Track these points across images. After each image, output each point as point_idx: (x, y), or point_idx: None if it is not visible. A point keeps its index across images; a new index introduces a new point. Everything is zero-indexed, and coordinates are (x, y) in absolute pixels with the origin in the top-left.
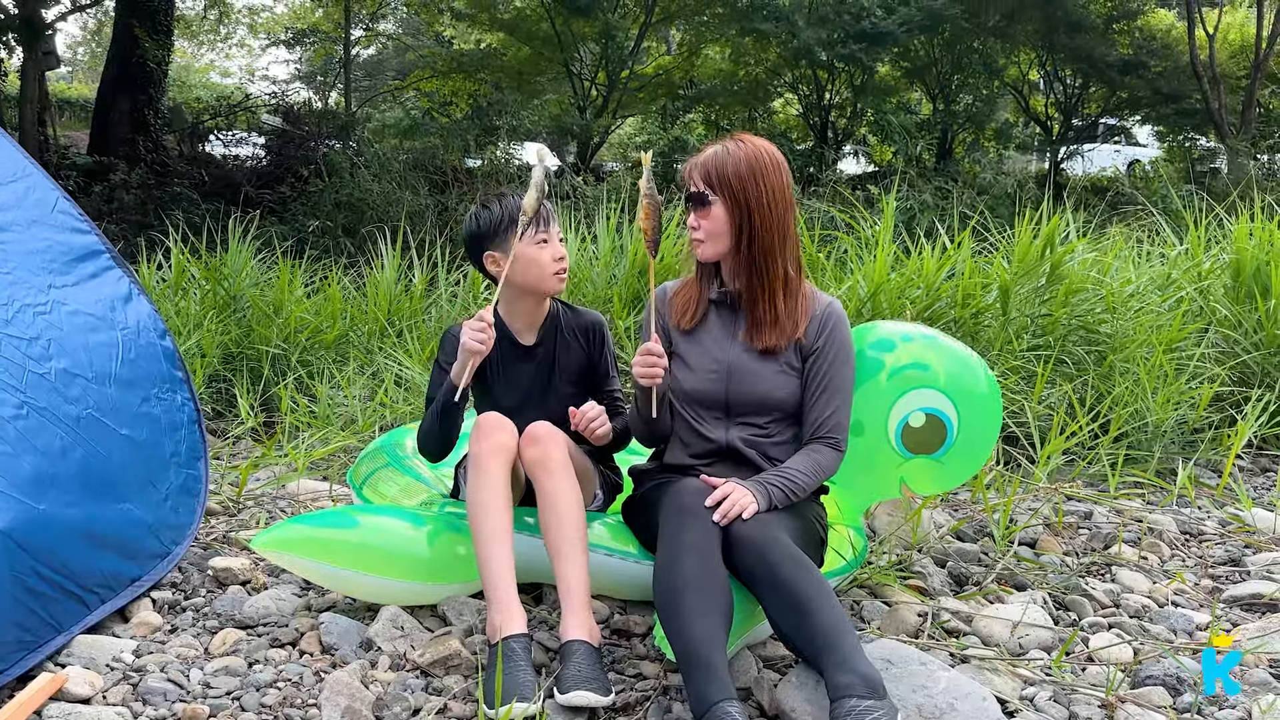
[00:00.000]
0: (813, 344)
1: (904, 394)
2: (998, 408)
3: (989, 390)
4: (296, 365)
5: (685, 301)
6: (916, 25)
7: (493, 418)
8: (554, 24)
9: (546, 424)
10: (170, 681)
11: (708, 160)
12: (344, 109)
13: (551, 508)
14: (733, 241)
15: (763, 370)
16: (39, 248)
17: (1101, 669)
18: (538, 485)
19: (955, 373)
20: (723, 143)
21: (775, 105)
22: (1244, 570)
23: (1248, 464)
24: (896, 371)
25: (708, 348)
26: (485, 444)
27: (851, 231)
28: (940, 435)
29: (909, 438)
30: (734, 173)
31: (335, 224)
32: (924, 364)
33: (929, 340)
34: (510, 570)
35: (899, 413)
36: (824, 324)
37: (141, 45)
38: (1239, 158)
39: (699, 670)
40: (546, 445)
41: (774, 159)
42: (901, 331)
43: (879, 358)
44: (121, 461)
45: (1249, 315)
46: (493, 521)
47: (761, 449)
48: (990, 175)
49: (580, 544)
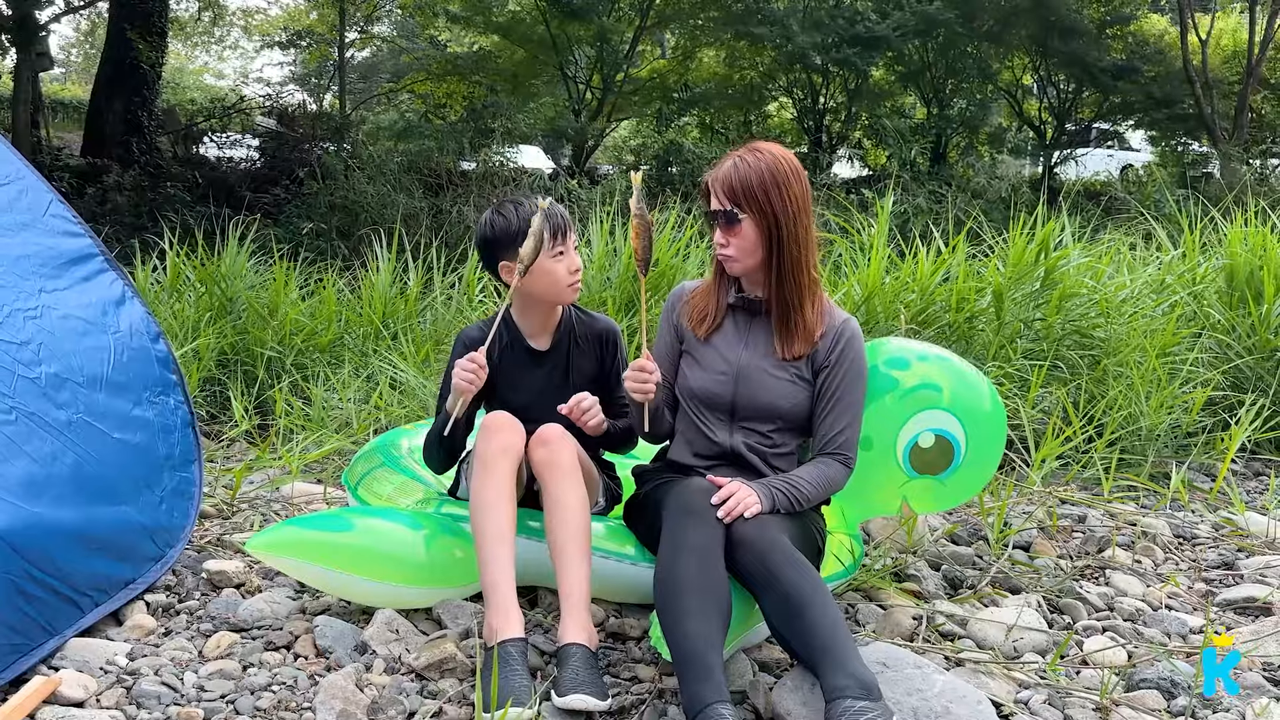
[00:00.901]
0: (825, 358)
1: (915, 414)
2: (1003, 432)
3: (995, 414)
4: (291, 368)
5: (703, 308)
6: (911, 30)
7: (501, 417)
8: (549, 27)
9: (558, 426)
10: (164, 685)
11: (730, 175)
12: (338, 111)
13: (558, 510)
14: (764, 255)
15: (772, 378)
16: (30, 252)
17: (1096, 672)
18: (545, 486)
19: (965, 396)
20: (739, 154)
21: (770, 109)
22: (1237, 574)
23: (1240, 468)
24: (909, 391)
25: (720, 350)
26: (493, 443)
27: (846, 235)
28: (948, 457)
29: (917, 458)
30: (759, 185)
31: (330, 226)
32: (937, 385)
33: (943, 361)
34: (511, 572)
35: (909, 432)
36: (838, 339)
37: (135, 47)
38: (1231, 163)
39: (694, 671)
40: (557, 447)
41: (793, 166)
42: (917, 351)
43: (892, 375)
44: (114, 465)
45: (1242, 320)
46: (497, 522)
47: (764, 456)
48: (984, 180)
49: (584, 547)
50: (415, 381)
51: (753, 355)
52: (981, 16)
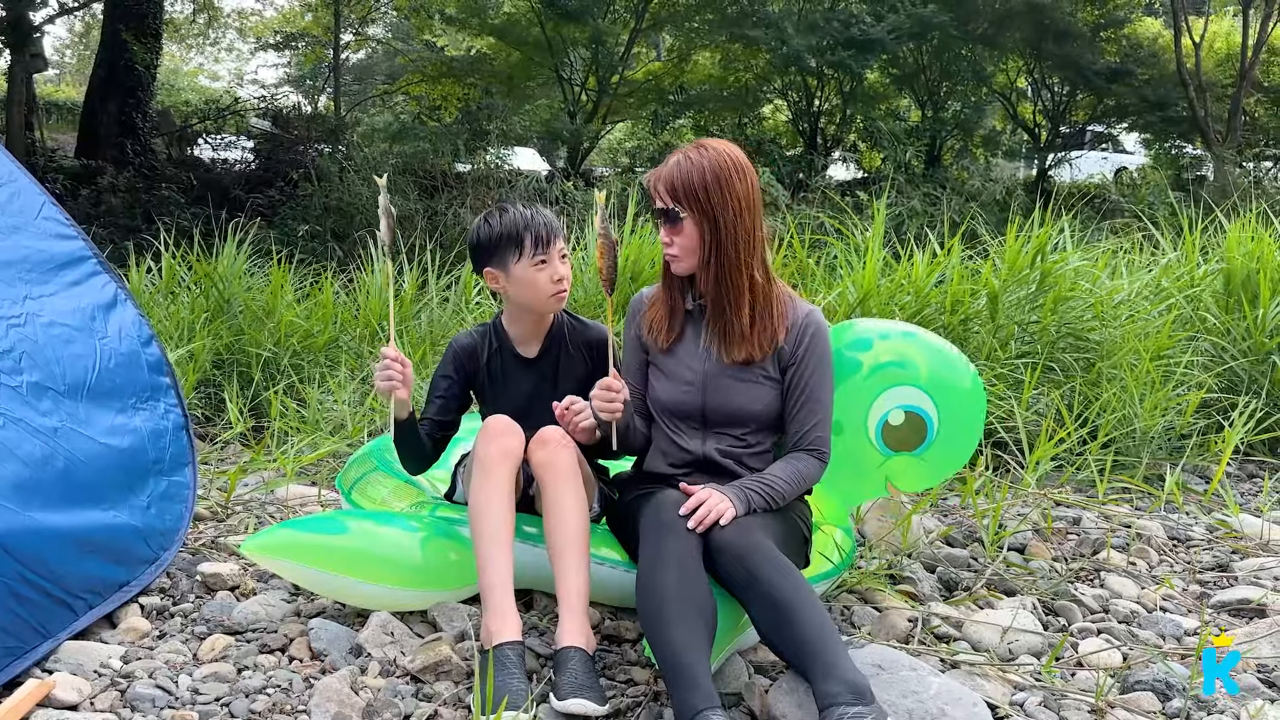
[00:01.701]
0: (792, 354)
1: (882, 392)
2: (981, 402)
3: (970, 385)
4: (287, 370)
5: (659, 316)
6: (905, 32)
7: (501, 421)
8: (544, 29)
9: (558, 429)
10: (159, 688)
11: (671, 173)
12: (333, 113)
13: (557, 512)
14: (702, 255)
15: (738, 382)
16: (17, 257)
17: (1091, 674)
18: (544, 488)
19: (935, 368)
20: (683, 152)
21: (765, 111)
22: (1231, 575)
23: (1234, 470)
24: (875, 370)
25: (683, 359)
26: (492, 447)
27: (841, 237)
28: (920, 433)
29: (889, 436)
30: (699, 184)
31: (325, 228)
32: (902, 361)
33: (908, 337)
34: (509, 575)
35: (878, 411)
36: (803, 333)
37: (130, 48)
38: (1225, 165)
39: (682, 680)
40: (556, 449)
41: (738, 164)
42: (879, 329)
43: (856, 357)
44: (103, 468)
45: (1238, 323)
46: (495, 524)
47: (738, 458)
48: (979, 182)
49: (582, 550)
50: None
51: (717, 362)
52: (976, 20)
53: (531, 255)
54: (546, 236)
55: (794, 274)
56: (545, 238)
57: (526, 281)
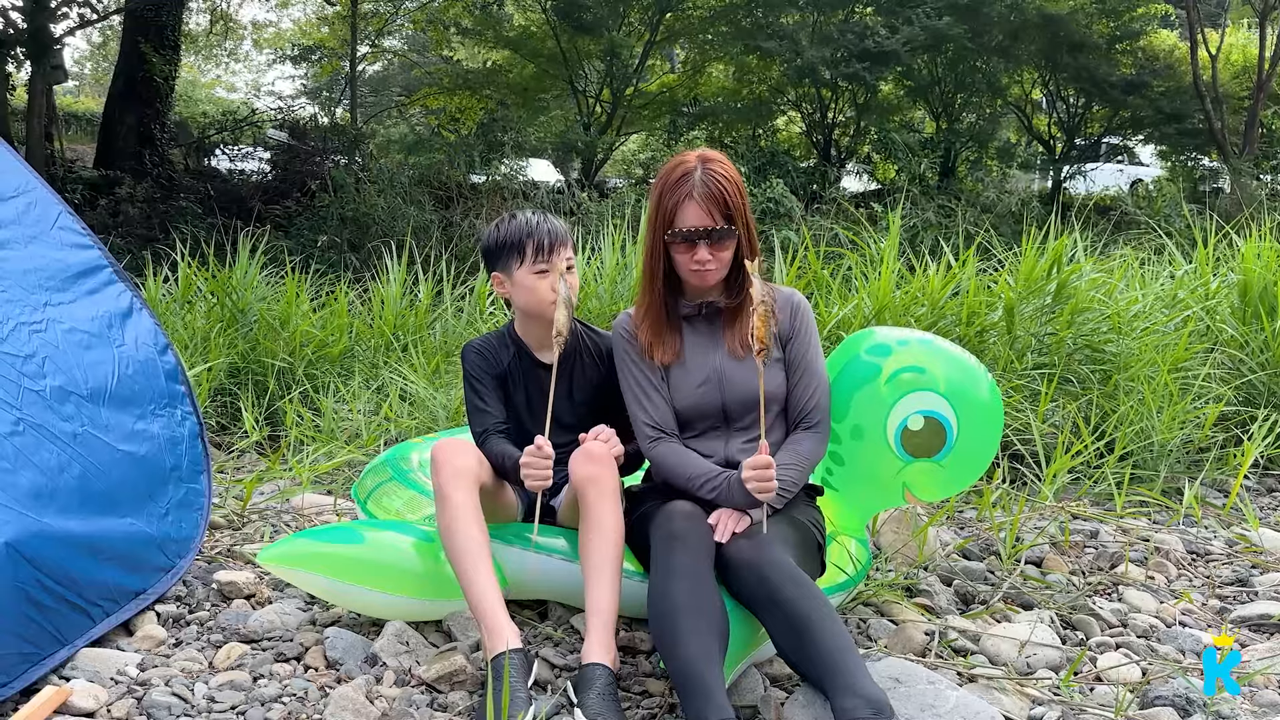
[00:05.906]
0: (790, 331)
1: (902, 398)
2: (998, 409)
3: (988, 392)
4: (302, 379)
5: (655, 335)
6: (920, 45)
7: (449, 444)
8: (559, 42)
9: (602, 445)
10: (175, 695)
11: (718, 192)
12: (350, 125)
13: (596, 528)
14: (734, 263)
15: (753, 371)
16: (37, 265)
17: (1110, 689)
18: (586, 503)
19: (953, 375)
20: (707, 168)
21: (778, 123)
22: (1251, 590)
23: (1254, 484)
24: (894, 376)
25: (693, 363)
26: (444, 473)
27: (856, 248)
28: (940, 438)
29: (908, 441)
30: (736, 196)
31: (341, 239)
32: (920, 367)
33: (925, 344)
34: (494, 588)
35: (897, 416)
36: (794, 311)
37: (148, 60)
38: (1241, 177)
39: (694, 692)
40: (601, 465)
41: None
42: (898, 336)
43: (876, 362)
44: (120, 476)
45: (1255, 335)
46: (465, 543)
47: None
48: (993, 194)
49: (615, 568)
50: (425, 393)
51: (727, 355)
52: (990, 32)
53: (533, 262)
54: (549, 244)
55: (809, 285)
56: (548, 245)
57: (527, 287)
